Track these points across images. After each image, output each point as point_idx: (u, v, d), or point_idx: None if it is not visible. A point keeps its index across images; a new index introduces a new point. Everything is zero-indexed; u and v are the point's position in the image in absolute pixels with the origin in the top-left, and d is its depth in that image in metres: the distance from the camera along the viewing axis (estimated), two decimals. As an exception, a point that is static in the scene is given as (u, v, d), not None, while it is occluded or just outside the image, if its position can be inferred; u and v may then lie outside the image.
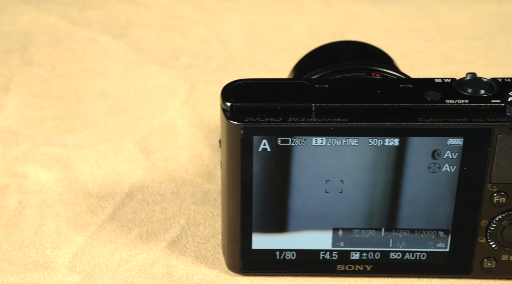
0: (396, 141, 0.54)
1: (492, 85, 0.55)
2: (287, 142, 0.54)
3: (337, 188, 0.55)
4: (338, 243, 0.58)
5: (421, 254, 0.58)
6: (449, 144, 0.54)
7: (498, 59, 0.95)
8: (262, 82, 0.56)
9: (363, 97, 0.54)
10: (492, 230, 0.56)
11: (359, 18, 1.07)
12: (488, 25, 1.03)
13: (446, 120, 0.53)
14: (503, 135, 0.53)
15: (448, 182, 0.55)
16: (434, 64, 0.95)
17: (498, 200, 0.55)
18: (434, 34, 1.01)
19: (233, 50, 0.99)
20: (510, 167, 0.54)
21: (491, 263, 0.57)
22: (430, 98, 0.54)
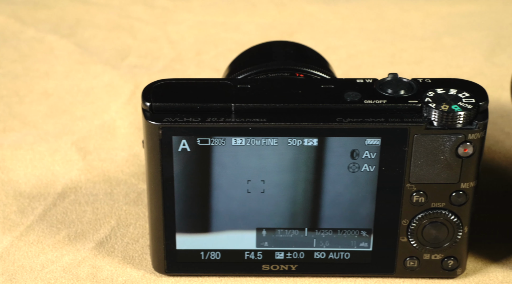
0: (315, 141, 0.54)
1: (412, 85, 0.55)
2: (206, 142, 0.54)
3: (258, 188, 0.55)
4: (262, 243, 0.58)
5: (345, 253, 0.58)
6: (367, 144, 0.54)
7: (444, 60, 0.96)
8: (184, 82, 0.56)
9: (284, 97, 0.54)
10: (412, 229, 0.56)
11: (310, 18, 1.07)
12: (437, 26, 1.04)
13: (364, 121, 0.53)
14: (419, 135, 0.53)
15: (368, 182, 0.55)
16: (381, 64, 0.95)
17: (417, 200, 0.55)
18: (383, 34, 1.02)
19: (181, 50, 0.99)
20: (428, 167, 0.54)
21: (414, 262, 0.58)
22: (350, 98, 0.54)
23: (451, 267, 0.58)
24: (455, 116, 0.52)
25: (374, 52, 0.98)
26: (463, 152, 0.53)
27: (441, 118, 0.52)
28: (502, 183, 0.71)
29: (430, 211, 0.56)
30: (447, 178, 0.54)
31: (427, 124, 0.53)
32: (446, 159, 0.53)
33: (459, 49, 1.01)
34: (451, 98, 0.54)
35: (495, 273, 0.60)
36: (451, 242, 0.56)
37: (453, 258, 0.57)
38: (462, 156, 0.53)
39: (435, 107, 0.53)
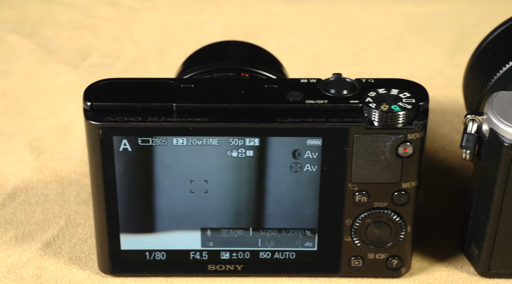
0: (256, 141, 0.54)
1: (355, 85, 0.55)
2: (147, 141, 0.54)
3: (201, 187, 0.55)
4: (207, 243, 0.58)
5: (290, 253, 0.58)
6: (308, 144, 0.54)
7: (405, 60, 0.96)
8: (127, 82, 0.56)
9: (226, 97, 0.54)
10: (356, 229, 0.57)
11: (275, 18, 1.07)
12: (401, 26, 1.04)
13: (304, 121, 0.53)
14: (359, 135, 0.53)
15: (310, 182, 0.55)
16: (343, 64, 0.95)
17: (359, 199, 0.56)
18: (347, 35, 1.02)
19: (144, 49, 0.99)
20: (369, 166, 0.54)
21: (358, 261, 0.58)
22: (292, 98, 0.54)
23: (395, 267, 0.58)
24: (394, 116, 0.52)
25: (337, 52, 0.99)
26: (403, 152, 0.53)
27: (381, 118, 0.53)
28: (453, 183, 0.71)
29: (372, 211, 0.56)
30: (389, 178, 0.55)
31: (367, 124, 0.53)
32: (386, 158, 0.54)
33: (421, 49, 1.01)
34: (391, 98, 0.54)
35: (440, 272, 0.60)
36: (394, 241, 0.57)
37: (397, 257, 0.58)
38: (402, 155, 0.54)
39: (375, 107, 0.53)
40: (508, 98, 0.55)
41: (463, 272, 0.60)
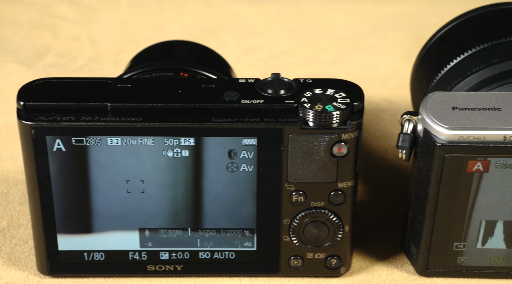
0: (191, 141, 0.54)
1: (292, 85, 0.55)
2: (81, 141, 0.53)
3: (138, 188, 0.55)
4: (146, 243, 0.57)
5: (230, 253, 0.58)
6: (244, 144, 0.54)
7: (363, 60, 0.97)
8: (64, 82, 0.55)
9: (162, 97, 0.54)
10: (294, 229, 0.57)
11: (236, 18, 1.07)
12: (361, 26, 1.04)
13: (239, 120, 0.53)
14: (294, 135, 0.53)
15: (247, 182, 0.55)
16: (299, 65, 0.96)
17: (297, 199, 0.56)
18: (307, 35, 1.02)
19: (101, 49, 0.99)
20: (304, 166, 0.54)
21: (298, 261, 0.58)
22: (228, 98, 0.54)
23: (334, 266, 0.58)
24: (328, 116, 0.52)
25: (295, 52, 0.99)
26: (338, 152, 0.54)
27: (315, 118, 0.53)
28: (401, 183, 0.72)
29: (310, 210, 0.56)
30: (325, 178, 0.55)
31: (302, 124, 0.53)
32: (321, 158, 0.54)
33: (379, 49, 1.02)
34: (327, 98, 0.54)
35: (380, 272, 0.60)
36: (332, 241, 0.57)
37: (337, 257, 0.58)
38: (337, 155, 0.54)
39: (310, 107, 0.53)
40: (442, 99, 0.55)
41: (402, 271, 0.61)
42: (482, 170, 0.53)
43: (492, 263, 0.58)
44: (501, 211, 0.55)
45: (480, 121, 0.53)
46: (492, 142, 0.52)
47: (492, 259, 0.58)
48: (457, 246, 0.57)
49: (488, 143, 0.52)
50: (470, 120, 0.53)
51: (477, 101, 0.55)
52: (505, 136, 0.52)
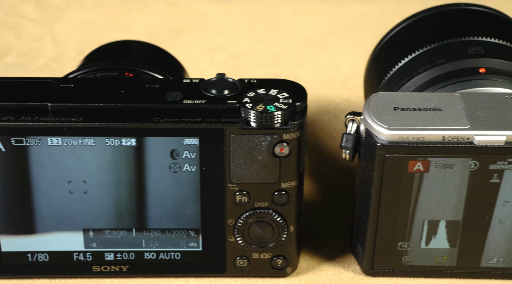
0: (133, 141, 0.53)
1: (237, 86, 0.56)
2: (21, 142, 0.53)
3: (80, 188, 0.55)
4: (90, 244, 0.57)
5: (175, 253, 0.58)
6: (186, 144, 0.54)
7: (325, 61, 0.97)
8: (6, 81, 0.55)
9: (104, 97, 0.54)
10: (239, 229, 0.56)
11: (202, 18, 1.07)
12: (326, 27, 1.05)
13: (181, 121, 0.53)
14: (235, 135, 0.53)
15: (190, 182, 0.55)
16: (261, 65, 0.96)
17: (240, 199, 0.55)
18: (271, 35, 1.02)
19: (64, 49, 0.98)
20: (247, 166, 0.54)
21: (243, 261, 0.58)
22: (171, 98, 0.54)
23: (280, 266, 0.58)
24: (269, 116, 0.52)
25: (258, 52, 0.99)
26: (280, 152, 0.54)
27: (256, 118, 0.53)
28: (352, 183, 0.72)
29: (254, 211, 0.56)
30: (268, 178, 0.55)
31: (243, 125, 0.53)
32: (263, 158, 0.54)
33: (342, 50, 1.02)
34: (269, 98, 0.54)
35: (327, 272, 0.61)
36: (277, 241, 0.57)
37: (282, 257, 0.58)
38: (279, 155, 0.54)
39: (251, 107, 0.53)
40: (385, 99, 0.55)
41: (349, 271, 0.61)
42: (422, 170, 0.54)
43: (436, 263, 0.58)
44: (443, 210, 0.56)
45: (420, 121, 0.53)
46: (431, 142, 0.52)
47: (436, 259, 0.58)
48: (402, 245, 0.58)
49: (428, 143, 0.52)
50: (410, 120, 0.53)
51: (419, 101, 0.55)
52: (444, 136, 0.52)
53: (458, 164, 0.53)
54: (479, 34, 0.61)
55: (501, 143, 0.52)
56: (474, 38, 0.60)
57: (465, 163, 0.53)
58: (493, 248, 0.57)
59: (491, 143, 0.52)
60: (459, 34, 0.61)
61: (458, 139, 0.52)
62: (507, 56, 0.59)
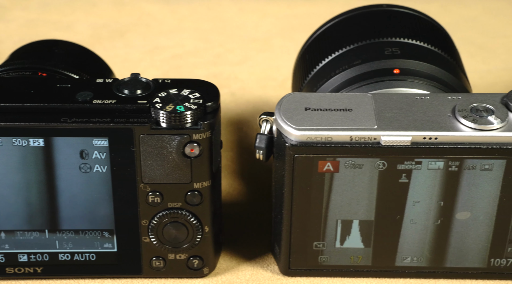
0: (41, 141, 0.53)
1: (150, 85, 0.55)
2: None
3: (-10, 189, 0.55)
4: (2, 245, 0.56)
5: (90, 254, 0.58)
6: (95, 144, 0.53)
7: (267, 61, 0.97)
8: None
9: (12, 96, 0.53)
10: (153, 230, 0.56)
11: (147, 18, 1.07)
12: (271, 27, 1.05)
13: (89, 121, 0.52)
14: (145, 136, 0.53)
15: (102, 182, 0.55)
16: (203, 65, 0.96)
17: (153, 200, 0.55)
18: (215, 35, 1.02)
19: (5, 48, 0.96)
20: (158, 167, 0.54)
21: (159, 262, 0.58)
22: (81, 98, 0.54)
23: (196, 267, 0.58)
24: (178, 116, 0.52)
25: (201, 52, 0.99)
26: (190, 152, 0.53)
27: (165, 118, 0.52)
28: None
29: (167, 211, 0.56)
30: (179, 178, 0.55)
31: (153, 125, 0.53)
32: (174, 159, 0.54)
33: (284, 50, 1.02)
34: (180, 98, 0.54)
35: (245, 272, 0.61)
36: (191, 242, 0.57)
37: (199, 257, 0.58)
38: (189, 155, 0.54)
39: (161, 107, 0.53)
40: (297, 100, 0.55)
41: (267, 271, 0.61)
42: (332, 170, 0.54)
43: (352, 262, 0.59)
44: (355, 210, 0.56)
45: (329, 122, 0.53)
46: (340, 142, 0.52)
47: (352, 258, 0.58)
48: (317, 245, 0.58)
49: (336, 143, 0.53)
50: (320, 121, 0.53)
51: (330, 102, 0.55)
52: (352, 136, 0.52)
53: (367, 164, 0.54)
54: (396, 35, 0.61)
55: (407, 143, 0.52)
56: (391, 39, 0.61)
57: (374, 163, 0.54)
58: (407, 247, 0.57)
59: (398, 143, 0.52)
60: (378, 35, 0.61)
61: (366, 139, 0.52)
62: (422, 57, 0.59)
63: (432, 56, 0.60)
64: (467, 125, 0.52)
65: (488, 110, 0.53)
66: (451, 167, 0.53)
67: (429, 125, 0.52)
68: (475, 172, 0.53)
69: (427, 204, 0.55)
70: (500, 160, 0.52)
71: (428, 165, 0.53)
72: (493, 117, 0.52)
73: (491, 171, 0.53)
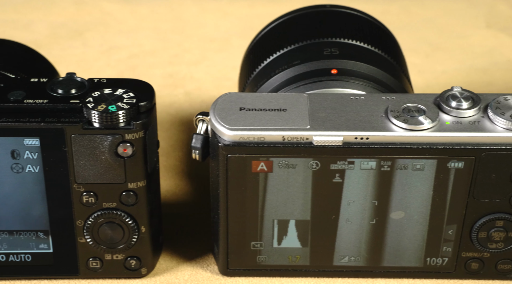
0: (-29, 141, 0.53)
1: (84, 85, 0.55)
2: None
3: None
4: None
5: (26, 255, 0.57)
6: (26, 144, 0.53)
7: (223, 61, 0.97)
8: None
9: None
10: (88, 230, 0.56)
11: (107, 17, 1.06)
12: (231, 27, 1.05)
13: (19, 120, 0.52)
14: (76, 136, 0.53)
15: (35, 183, 0.54)
16: (159, 65, 0.95)
17: (87, 200, 0.55)
18: (175, 35, 1.02)
19: (-42, 48, 0.97)
20: (91, 167, 0.54)
21: (96, 262, 0.57)
22: (13, 98, 0.53)
23: (134, 267, 0.58)
24: (109, 116, 0.52)
25: (158, 52, 0.98)
26: (123, 152, 0.53)
27: (97, 118, 0.52)
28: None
29: (102, 211, 0.55)
30: (113, 178, 0.54)
31: (85, 124, 0.52)
32: (107, 159, 0.53)
33: (243, 50, 1.01)
34: (113, 98, 0.53)
35: (184, 272, 0.60)
36: (128, 242, 0.56)
37: (136, 258, 0.57)
38: (122, 155, 0.53)
39: (92, 107, 0.52)
40: (233, 99, 0.55)
41: (207, 272, 0.61)
42: (266, 170, 0.54)
43: (290, 262, 0.59)
44: (291, 210, 0.56)
45: (262, 122, 0.53)
46: (272, 143, 0.52)
47: (290, 258, 0.58)
48: (254, 245, 0.58)
49: (268, 143, 0.52)
50: (253, 120, 0.53)
51: (265, 102, 0.55)
52: (284, 136, 0.52)
53: (300, 164, 0.54)
54: (336, 35, 0.61)
55: (339, 143, 0.52)
56: (331, 40, 0.61)
57: (307, 163, 0.54)
58: (344, 247, 0.57)
59: (329, 143, 0.52)
60: (318, 36, 0.61)
61: (298, 139, 0.52)
62: (361, 58, 0.60)
63: (372, 57, 0.60)
64: (398, 125, 0.52)
65: (420, 110, 0.53)
66: (383, 167, 0.53)
67: (361, 126, 0.52)
68: (407, 172, 0.53)
69: (361, 204, 0.55)
70: (431, 160, 0.53)
71: (360, 165, 0.53)
72: (424, 117, 0.52)
73: (422, 170, 0.53)
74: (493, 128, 0.52)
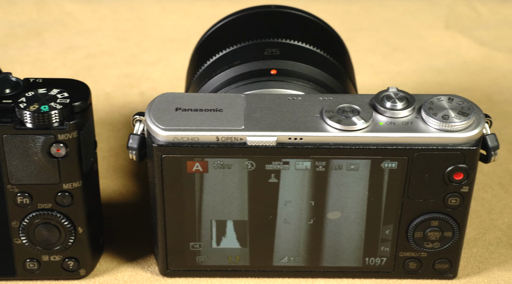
0: None
1: (19, 84, 0.55)
2: None
3: None
4: None
5: (-38, 257, 0.57)
6: (-42, 145, 0.53)
7: (182, 61, 0.94)
8: None
9: None
10: (24, 231, 0.55)
11: (67, 17, 1.05)
12: (192, 27, 1.04)
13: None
14: (8, 136, 0.52)
15: (-33, 183, 0.55)
16: (116, 65, 0.95)
17: (22, 201, 0.55)
18: (133, 35, 1.01)
19: None
20: (25, 167, 0.53)
21: (34, 264, 0.57)
22: None
23: (72, 268, 0.57)
24: (41, 116, 0.51)
25: (116, 52, 0.98)
26: (56, 152, 0.53)
27: (29, 118, 0.52)
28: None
29: (37, 212, 0.55)
30: (47, 179, 0.54)
31: (16, 125, 0.52)
32: (40, 159, 0.53)
33: (201, 50, 1.03)
34: (47, 98, 0.53)
35: (124, 273, 0.60)
36: (64, 243, 0.56)
37: (74, 259, 0.57)
38: (56, 156, 0.53)
39: (24, 107, 0.52)
40: (170, 100, 0.55)
41: (147, 272, 0.60)
42: (201, 170, 0.54)
43: (230, 262, 0.58)
44: (228, 210, 0.56)
45: (197, 122, 0.53)
46: (206, 143, 0.52)
47: (229, 258, 0.58)
48: (193, 246, 0.58)
49: (202, 144, 0.52)
50: (188, 121, 0.53)
51: (202, 102, 0.55)
52: (218, 137, 0.52)
53: (235, 164, 0.53)
54: (277, 36, 0.61)
55: (273, 143, 0.52)
56: (272, 40, 0.61)
57: (242, 163, 0.53)
58: (283, 247, 0.57)
59: (263, 143, 0.52)
60: (259, 36, 0.61)
61: (232, 140, 0.52)
62: (301, 58, 0.60)
63: (312, 58, 0.60)
64: (332, 125, 0.52)
65: (354, 111, 0.53)
66: (318, 167, 0.53)
67: (295, 126, 0.52)
68: (342, 172, 0.54)
69: (298, 204, 0.55)
70: (365, 160, 0.53)
71: (295, 165, 0.53)
72: (358, 118, 0.53)
73: (357, 171, 0.53)
74: (425, 128, 0.52)
